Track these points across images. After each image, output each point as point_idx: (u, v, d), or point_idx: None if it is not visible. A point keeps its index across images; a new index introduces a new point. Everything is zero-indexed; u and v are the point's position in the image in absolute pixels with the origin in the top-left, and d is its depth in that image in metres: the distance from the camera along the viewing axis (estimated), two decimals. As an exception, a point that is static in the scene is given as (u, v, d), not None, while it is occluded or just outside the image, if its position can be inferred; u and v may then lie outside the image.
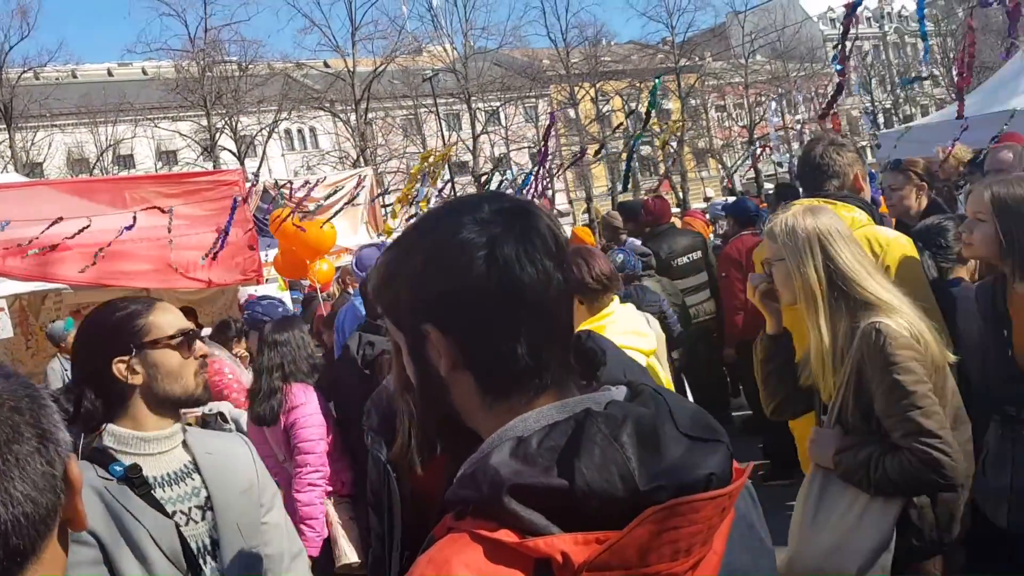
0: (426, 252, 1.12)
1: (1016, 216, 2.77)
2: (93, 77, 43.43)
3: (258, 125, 37.23)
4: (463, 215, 1.12)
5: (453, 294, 1.09)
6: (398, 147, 40.23)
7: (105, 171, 36.68)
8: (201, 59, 35.44)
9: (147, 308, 2.14)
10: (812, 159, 3.39)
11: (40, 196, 6.97)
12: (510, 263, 1.07)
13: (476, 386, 1.12)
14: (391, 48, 38.87)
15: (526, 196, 13.27)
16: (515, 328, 1.09)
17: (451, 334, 1.10)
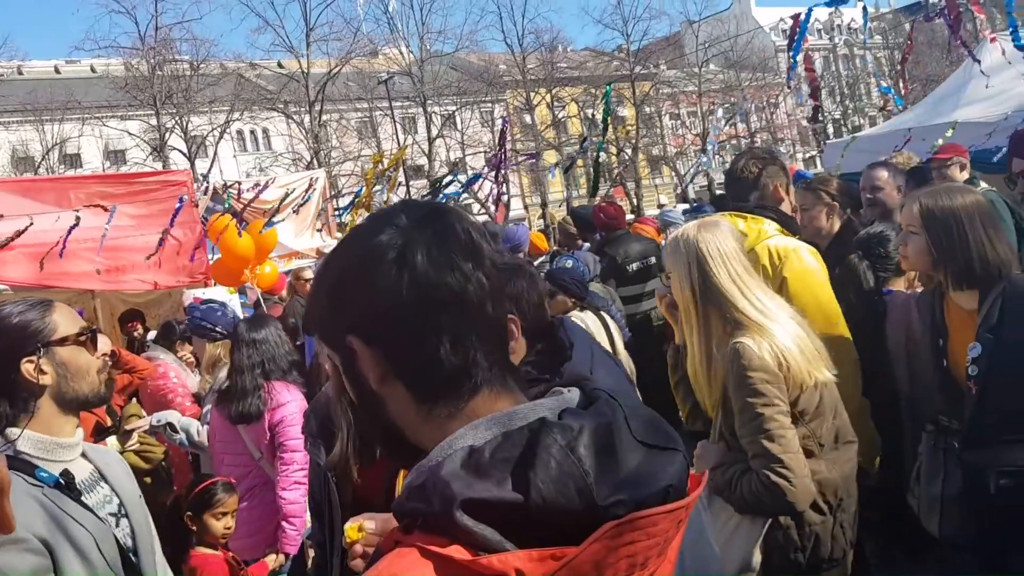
0: (342, 263, 1.12)
1: (945, 227, 2.81)
2: (40, 74, 42.39)
3: (209, 125, 36.66)
4: (380, 223, 1.11)
5: (370, 303, 1.08)
6: (352, 149, 39.94)
7: (51, 170, 35.81)
8: (151, 57, 34.79)
9: (48, 308, 2.10)
10: (735, 172, 3.54)
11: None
12: (421, 266, 1.06)
13: (409, 396, 1.10)
14: (346, 50, 38.63)
15: (482, 197, 13.25)
16: (435, 331, 1.07)
17: (375, 346, 1.08)
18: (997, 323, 2.68)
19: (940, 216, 2.82)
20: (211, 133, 36.75)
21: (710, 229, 2.61)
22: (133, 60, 36.15)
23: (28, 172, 35.97)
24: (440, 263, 1.07)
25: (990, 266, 2.74)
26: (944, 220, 2.81)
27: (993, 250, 2.75)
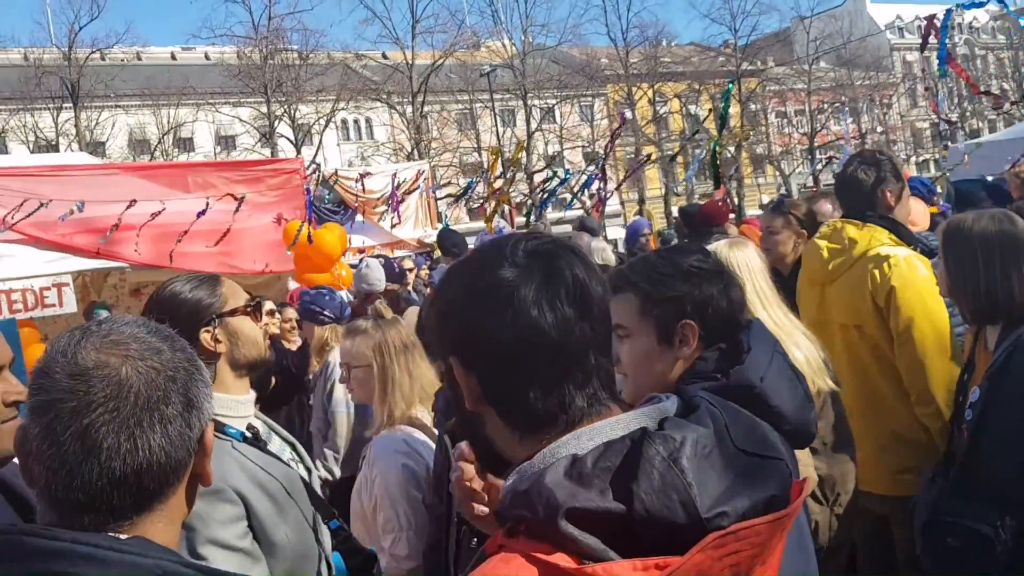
0: (459, 287, 1.17)
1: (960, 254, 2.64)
2: (157, 60, 44.30)
3: (316, 114, 37.62)
4: (497, 254, 1.14)
5: (472, 334, 1.12)
6: (452, 141, 40.35)
7: (166, 153, 37.44)
8: (263, 47, 35.91)
9: (216, 283, 2.30)
10: (845, 178, 3.47)
11: (112, 179, 7.15)
12: (526, 307, 1.08)
13: (501, 421, 1.14)
14: (450, 42, 39.02)
15: (585, 200, 13.20)
16: (529, 375, 1.09)
17: (471, 372, 1.13)
18: (999, 372, 2.49)
19: (958, 242, 2.66)
20: (317, 122, 37.70)
21: (740, 247, 2.77)
22: (246, 48, 37.39)
23: (144, 155, 37.71)
24: (544, 309, 1.09)
25: (1001, 304, 2.55)
26: (961, 247, 2.65)
27: (1008, 287, 2.53)
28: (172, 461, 1.15)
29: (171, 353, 1.19)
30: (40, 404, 1.14)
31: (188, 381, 1.19)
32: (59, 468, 1.11)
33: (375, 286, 6.37)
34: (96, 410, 1.11)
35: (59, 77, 34.62)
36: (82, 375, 1.13)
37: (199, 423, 1.20)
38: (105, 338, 1.17)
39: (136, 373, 1.14)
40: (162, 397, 1.15)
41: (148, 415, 1.13)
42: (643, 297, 1.87)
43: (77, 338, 1.18)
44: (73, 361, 1.14)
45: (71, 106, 35.09)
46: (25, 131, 35.46)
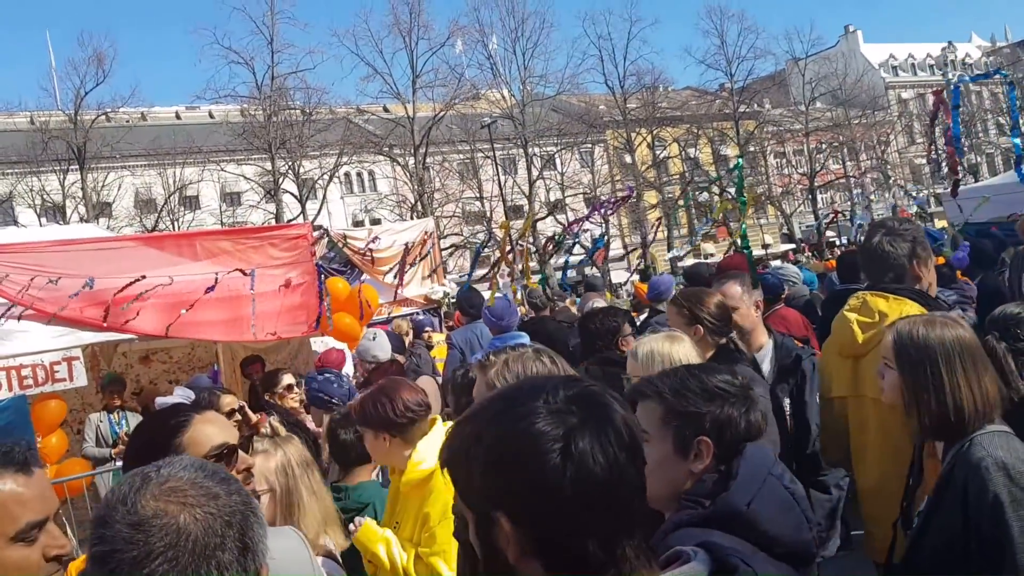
0: (499, 440, 1.12)
1: (917, 366, 2.41)
2: (162, 120, 44.86)
3: (319, 169, 37.99)
4: (535, 401, 1.12)
5: (526, 486, 1.09)
6: (454, 191, 40.66)
7: (172, 212, 37.72)
8: (267, 105, 36.36)
9: (187, 423, 2.04)
10: (870, 249, 3.38)
11: (121, 252, 7.19)
12: (585, 458, 1.07)
13: (543, 574, 1.11)
14: (450, 95, 39.51)
15: (596, 259, 13.23)
16: (588, 524, 1.08)
17: (522, 526, 1.10)
18: (942, 490, 2.32)
19: (912, 352, 2.43)
20: (321, 176, 38.04)
21: (676, 342, 2.95)
22: (250, 108, 37.86)
23: (150, 214, 38.01)
24: (603, 456, 1.08)
25: (962, 416, 2.32)
26: (915, 358, 2.42)
27: (970, 398, 2.32)
28: None
29: (227, 497, 1.20)
30: (101, 554, 1.15)
31: (244, 524, 1.20)
32: None
33: (380, 357, 6.34)
34: (155, 559, 1.12)
35: (65, 141, 35.10)
36: (141, 525, 1.14)
37: (254, 565, 1.20)
38: (163, 485, 1.19)
39: (194, 520, 1.15)
40: (219, 543, 1.15)
41: (206, 563, 1.14)
42: (666, 407, 1.88)
43: (137, 485, 1.19)
44: (133, 510, 1.15)
45: (77, 168, 35.52)
46: (32, 195, 35.85)
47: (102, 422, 8.66)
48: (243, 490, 1.25)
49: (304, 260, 8.86)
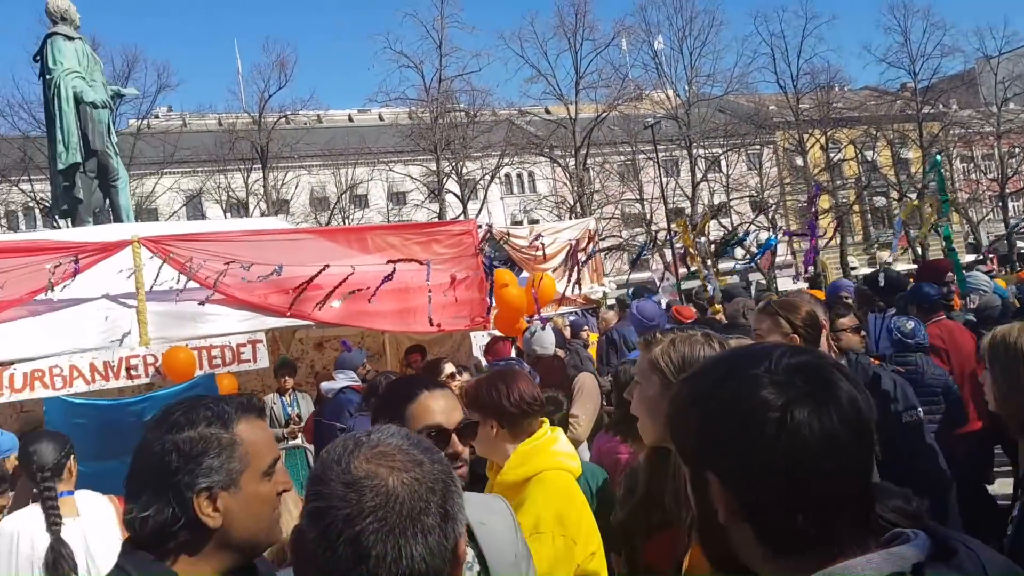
0: (719, 402, 1.13)
1: (1007, 366, 2.57)
2: (336, 123, 47.30)
3: (481, 170, 38.79)
4: (755, 368, 1.11)
5: (738, 452, 1.09)
6: (614, 192, 40.44)
7: (343, 210, 39.63)
8: (434, 108, 37.51)
9: (416, 396, 2.23)
10: None
11: (302, 243, 7.62)
12: (800, 429, 1.05)
13: (755, 539, 1.11)
14: (613, 96, 39.32)
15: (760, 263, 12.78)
16: (798, 496, 1.06)
17: (732, 490, 1.10)
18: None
19: (1005, 354, 2.54)
20: (483, 177, 38.83)
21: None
22: (418, 110, 39.19)
23: (324, 212, 40.08)
24: (819, 434, 1.05)
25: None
26: (1008, 359, 2.53)
27: None
28: (431, 570, 1.19)
29: (430, 465, 1.26)
30: (317, 510, 1.22)
31: (445, 493, 1.25)
32: (332, 571, 1.19)
33: (548, 350, 6.33)
34: (367, 518, 1.18)
35: (250, 141, 37.57)
36: (354, 484, 1.21)
37: (454, 534, 1.24)
38: (374, 449, 1.26)
39: (401, 484, 1.21)
40: (424, 508, 1.21)
41: (412, 525, 1.19)
42: None
43: (350, 448, 1.26)
44: (347, 470, 1.22)
45: (260, 167, 37.92)
46: (219, 191, 38.61)
47: (275, 403, 9.18)
48: (444, 460, 1.30)
49: (468, 256, 9.05)
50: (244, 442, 1.66)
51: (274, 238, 7.90)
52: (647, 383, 2.24)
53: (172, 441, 1.62)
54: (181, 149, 36.67)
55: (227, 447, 1.64)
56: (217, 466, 1.61)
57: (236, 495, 1.63)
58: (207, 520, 1.60)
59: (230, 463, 1.63)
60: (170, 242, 7.06)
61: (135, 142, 33.18)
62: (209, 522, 1.60)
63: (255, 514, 1.66)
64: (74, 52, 9.73)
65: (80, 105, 9.49)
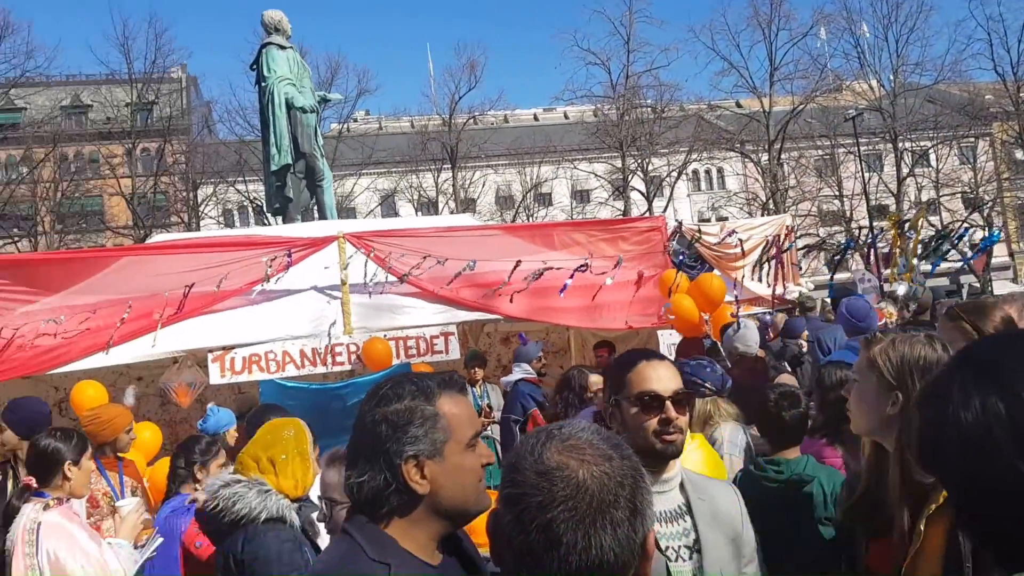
0: (977, 419, 1.02)
1: None
2: (522, 122, 48.14)
3: (668, 166, 38.17)
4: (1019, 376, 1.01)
5: (1004, 475, 0.99)
6: (811, 188, 38.55)
7: (528, 208, 40.28)
8: (620, 104, 37.32)
9: (636, 363, 2.37)
10: None
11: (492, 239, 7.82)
12: None
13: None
14: (811, 87, 37.50)
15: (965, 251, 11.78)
16: None
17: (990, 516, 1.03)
18: None
19: None
20: (669, 174, 38.21)
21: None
22: (603, 107, 39.14)
23: (508, 210, 40.93)
24: None
25: None
26: None
27: None
28: (619, 562, 1.24)
29: (620, 461, 1.30)
30: (511, 496, 1.29)
31: (634, 488, 1.29)
32: (526, 555, 1.25)
33: (751, 348, 6.09)
34: (558, 506, 1.23)
35: (440, 142, 38.97)
36: (547, 474, 1.26)
37: (642, 529, 1.28)
38: (565, 442, 1.31)
39: (591, 476, 1.26)
40: (613, 501, 1.25)
41: (601, 516, 1.23)
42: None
43: (543, 439, 1.32)
44: (539, 460, 1.28)
45: (449, 167, 39.26)
46: (411, 191, 40.35)
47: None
48: (633, 456, 1.33)
49: (656, 252, 8.91)
50: (446, 415, 1.77)
51: (465, 234, 8.12)
52: (865, 381, 2.27)
53: (382, 413, 1.76)
54: (378, 151, 38.60)
55: (430, 418, 1.76)
56: (421, 435, 1.74)
57: (441, 464, 1.74)
58: (415, 486, 1.72)
59: (434, 433, 1.75)
60: (372, 238, 7.43)
61: (337, 144, 35.24)
62: (417, 488, 1.72)
63: (461, 483, 1.76)
64: (286, 60, 10.43)
65: (291, 110, 10.14)
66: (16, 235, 34.69)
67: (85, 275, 6.89)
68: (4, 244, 32.78)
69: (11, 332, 6.42)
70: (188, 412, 7.57)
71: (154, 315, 6.72)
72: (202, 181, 37.73)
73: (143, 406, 8.59)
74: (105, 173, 37.80)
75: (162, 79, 38.18)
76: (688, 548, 2.23)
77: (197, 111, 42.02)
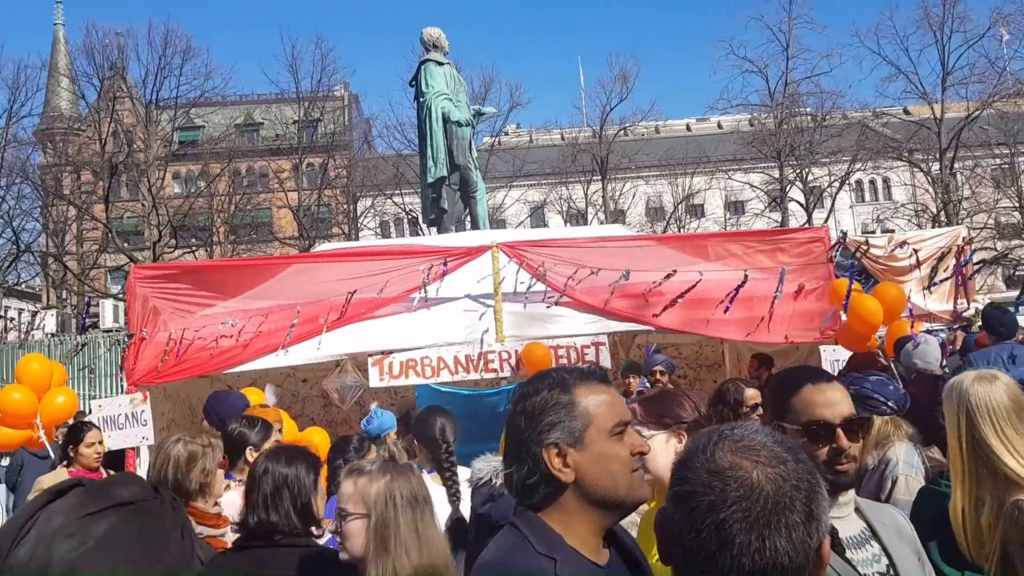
0: None
1: None
2: (674, 133, 47.50)
3: (829, 176, 36.59)
4: None
5: None
6: (987, 200, 35.91)
7: (679, 220, 39.68)
8: (778, 112, 36.14)
9: (801, 386, 2.23)
10: None
11: (645, 250, 7.72)
12: None
13: None
14: (988, 92, 34.95)
15: None
16: None
17: None
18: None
19: None
20: (831, 184, 36.61)
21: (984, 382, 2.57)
22: (760, 116, 38.01)
23: (659, 221, 40.48)
24: None
25: None
26: None
27: None
28: (794, 566, 1.21)
29: (795, 464, 1.27)
30: (682, 493, 1.28)
31: (810, 493, 1.25)
32: (696, 553, 1.24)
33: (931, 365, 5.70)
34: (730, 507, 1.22)
35: (590, 154, 39.01)
36: (719, 473, 1.25)
37: (818, 534, 1.25)
38: (738, 443, 1.29)
39: (766, 479, 1.24)
40: (788, 504, 1.22)
41: (776, 519, 1.21)
42: None
43: (715, 440, 1.31)
44: (711, 459, 1.28)
45: (599, 179, 39.23)
46: (560, 202, 40.60)
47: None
48: (809, 461, 1.30)
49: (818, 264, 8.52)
50: (583, 403, 1.79)
51: (618, 244, 8.06)
52: None
53: (521, 406, 1.83)
54: (528, 163, 39.13)
55: (566, 407, 1.79)
56: (557, 423, 1.77)
57: (584, 452, 1.76)
58: (559, 475, 1.75)
59: (571, 421, 1.78)
60: (524, 247, 7.50)
61: (489, 157, 35.98)
62: (561, 476, 1.75)
63: (608, 470, 1.77)
64: (443, 76, 10.73)
65: (447, 124, 10.42)
66: (194, 244, 37.41)
67: (258, 281, 7.32)
68: (183, 253, 35.37)
69: (192, 334, 6.90)
70: (348, 414, 7.89)
71: (319, 320, 7.05)
72: (361, 194, 39.43)
73: (307, 407, 9.04)
74: (274, 187, 40.29)
75: (327, 97, 40.23)
76: (882, 574, 2.14)
77: (358, 127, 44.06)
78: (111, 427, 6.56)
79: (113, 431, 6.56)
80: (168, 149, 38.03)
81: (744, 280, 6.79)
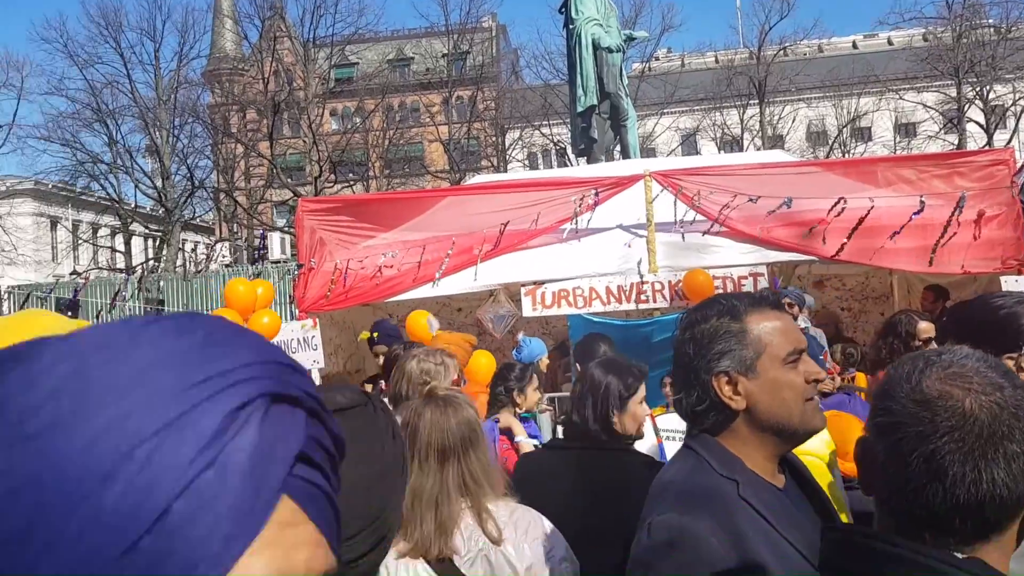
0: None
1: None
2: (839, 51, 44.61)
3: (1014, 94, 33.50)
4: None
5: None
6: None
7: (843, 145, 37.54)
8: (956, 25, 33.27)
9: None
10: None
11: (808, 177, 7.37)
12: None
13: None
14: None
15: None
16: None
17: None
18: None
19: None
20: (1015, 103, 33.53)
21: None
22: (935, 30, 35.15)
23: (821, 146, 38.41)
24: None
25: None
26: None
27: None
28: (1013, 496, 1.15)
29: (1012, 390, 1.19)
30: (885, 424, 1.23)
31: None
32: (903, 485, 1.19)
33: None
34: (941, 437, 1.16)
35: (747, 76, 37.29)
36: (926, 403, 1.18)
37: None
38: (947, 370, 1.21)
39: (979, 407, 1.16)
40: (1006, 433, 1.15)
41: (992, 448, 1.15)
42: None
43: (920, 367, 1.23)
44: (917, 389, 1.20)
45: (756, 103, 37.53)
46: (714, 129, 39.22)
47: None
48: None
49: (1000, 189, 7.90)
50: (754, 330, 1.76)
51: (778, 171, 7.72)
52: None
53: (690, 334, 1.81)
54: (680, 89, 37.87)
55: (736, 334, 1.76)
56: (727, 351, 1.75)
57: (755, 380, 1.74)
58: (730, 402, 1.74)
59: (741, 349, 1.75)
60: (679, 176, 7.32)
61: (639, 84, 35.09)
62: (732, 404, 1.74)
63: (780, 398, 1.73)
64: (593, 1, 10.47)
65: (597, 51, 10.20)
66: (351, 179, 38.84)
67: (414, 213, 7.53)
68: (342, 188, 36.82)
69: (356, 264, 7.22)
70: (501, 343, 8.08)
71: (474, 251, 7.19)
72: (510, 126, 39.53)
73: (462, 335, 9.32)
74: (425, 121, 41.00)
75: (475, 29, 40.28)
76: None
77: (506, 58, 43.94)
78: (285, 351, 7.01)
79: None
80: (325, 87, 39.33)
81: (921, 207, 6.35)
